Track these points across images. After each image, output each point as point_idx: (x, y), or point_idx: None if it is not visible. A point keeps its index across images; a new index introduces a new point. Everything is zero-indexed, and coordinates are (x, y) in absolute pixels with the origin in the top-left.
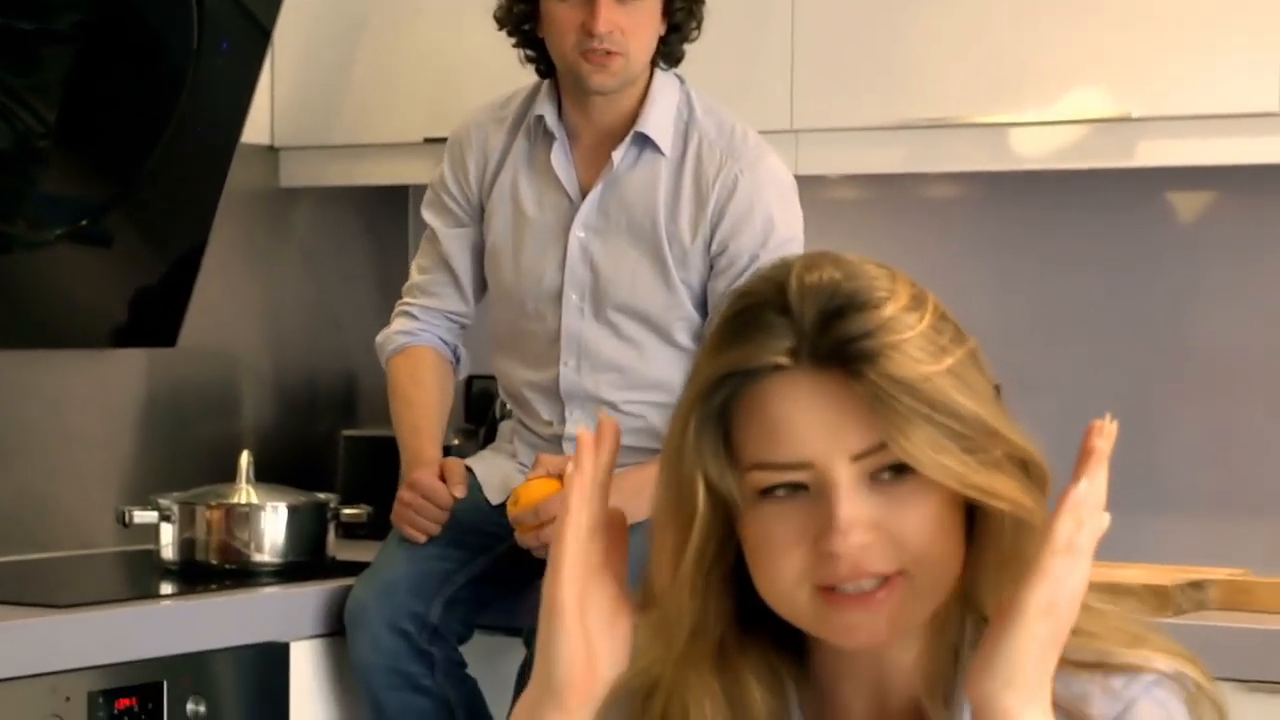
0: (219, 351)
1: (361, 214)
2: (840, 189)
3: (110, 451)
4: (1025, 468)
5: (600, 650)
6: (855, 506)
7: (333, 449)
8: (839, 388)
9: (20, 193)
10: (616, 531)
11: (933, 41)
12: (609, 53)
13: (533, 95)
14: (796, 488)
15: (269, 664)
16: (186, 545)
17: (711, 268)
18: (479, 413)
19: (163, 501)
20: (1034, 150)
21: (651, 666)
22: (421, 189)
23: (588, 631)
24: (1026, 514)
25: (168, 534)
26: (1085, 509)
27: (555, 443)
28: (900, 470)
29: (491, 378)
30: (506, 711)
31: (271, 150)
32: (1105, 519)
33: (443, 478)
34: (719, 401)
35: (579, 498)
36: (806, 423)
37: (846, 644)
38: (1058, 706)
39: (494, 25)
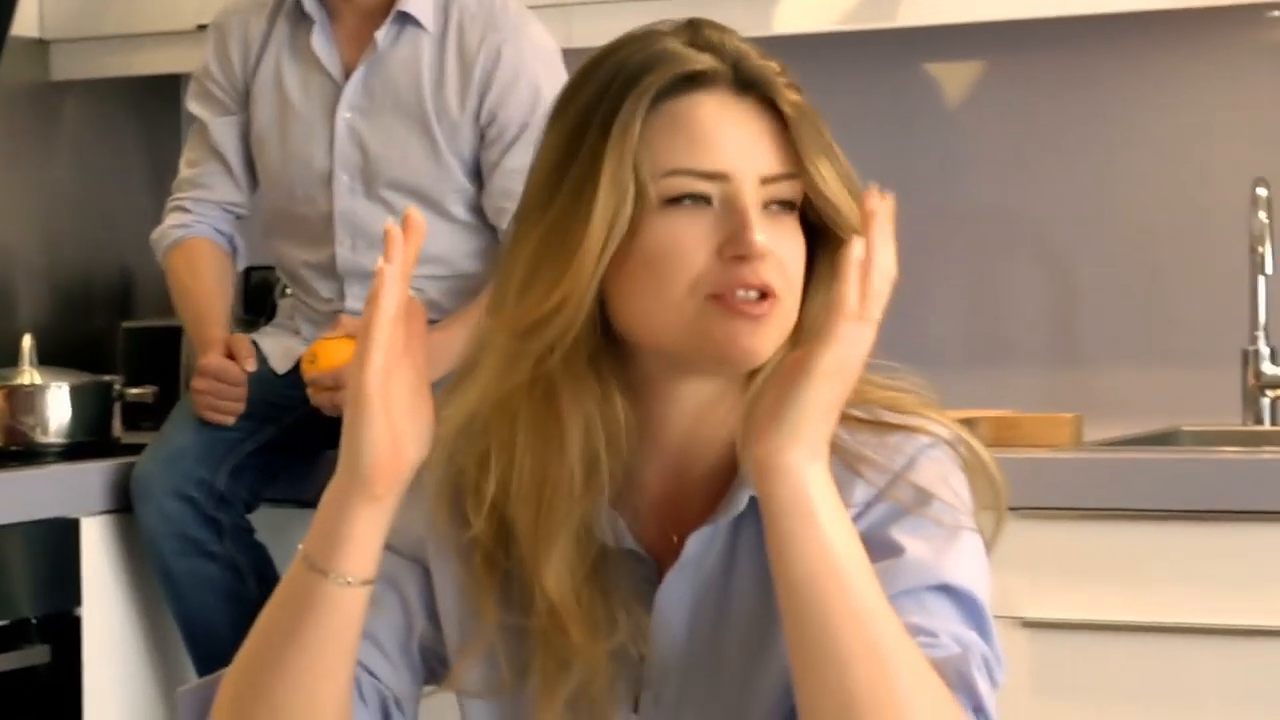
0: None
1: (133, 105)
2: None
3: None
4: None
5: (405, 435)
6: (761, 221)
7: (111, 342)
8: (758, 114)
9: None
10: (415, 321)
11: None
12: None
13: None
14: (699, 199)
15: (60, 539)
16: None
17: (482, 138)
18: (258, 303)
19: None
20: (803, 15)
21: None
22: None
23: (392, 417)
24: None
25: None
26: (871, 272)
27: (335, 318)
28: (783, 207)
29: (269, 268)
30: None
31: (41, 43)
32: (892, 274)
33: (230, 357)
34: (644, 105)
35: (388, 289)
36: (731, 137)
37: (725, 353)
38: (838, 456)
39: None
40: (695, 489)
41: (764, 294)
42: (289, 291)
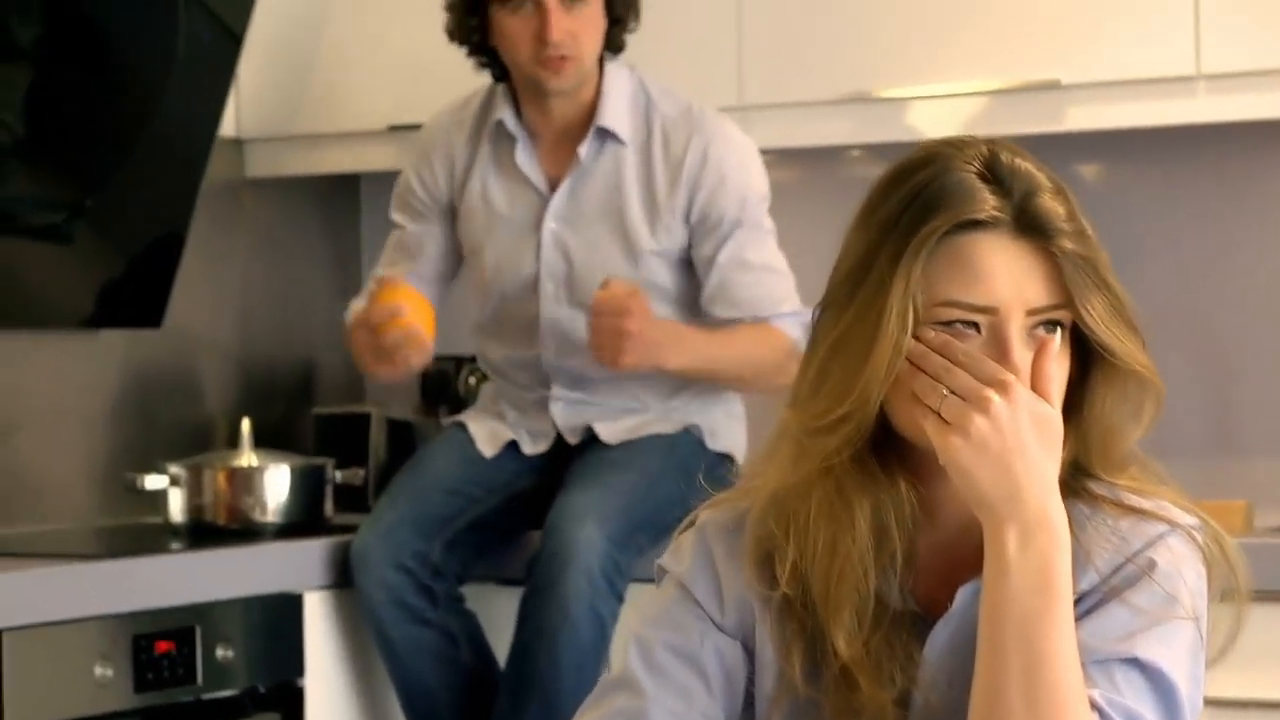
0: (191, 334)
1: (319, 201)
2: (773, 168)
3: (94, 428)
4: (1144, 343)
5: None
6: (1021, 351)
7: (300, 427)
8: (1031, 253)
9: (7, 184)
10: None
11: (873, 19)
12: (563, 58)
13: (490, 98)
14: (968, 325)
15: (285, 612)
16: (194, 509)
17: (692, 235)
18: (436, 392)
19: (171, 467)
20: (965, 118)
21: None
22: (375, 176)
23: None
24: (1151, 374)
25: (175, 498)
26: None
27: (542, 404)
28: (1050, 327)
29: (447, 358)
30: (504, 651)
31: (237, 142)
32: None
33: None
34: (930, 244)
35: None
36: (1003, 275)
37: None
38: (1076, 541)
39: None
40: (969, 551)
41: None
42: (486, 377)
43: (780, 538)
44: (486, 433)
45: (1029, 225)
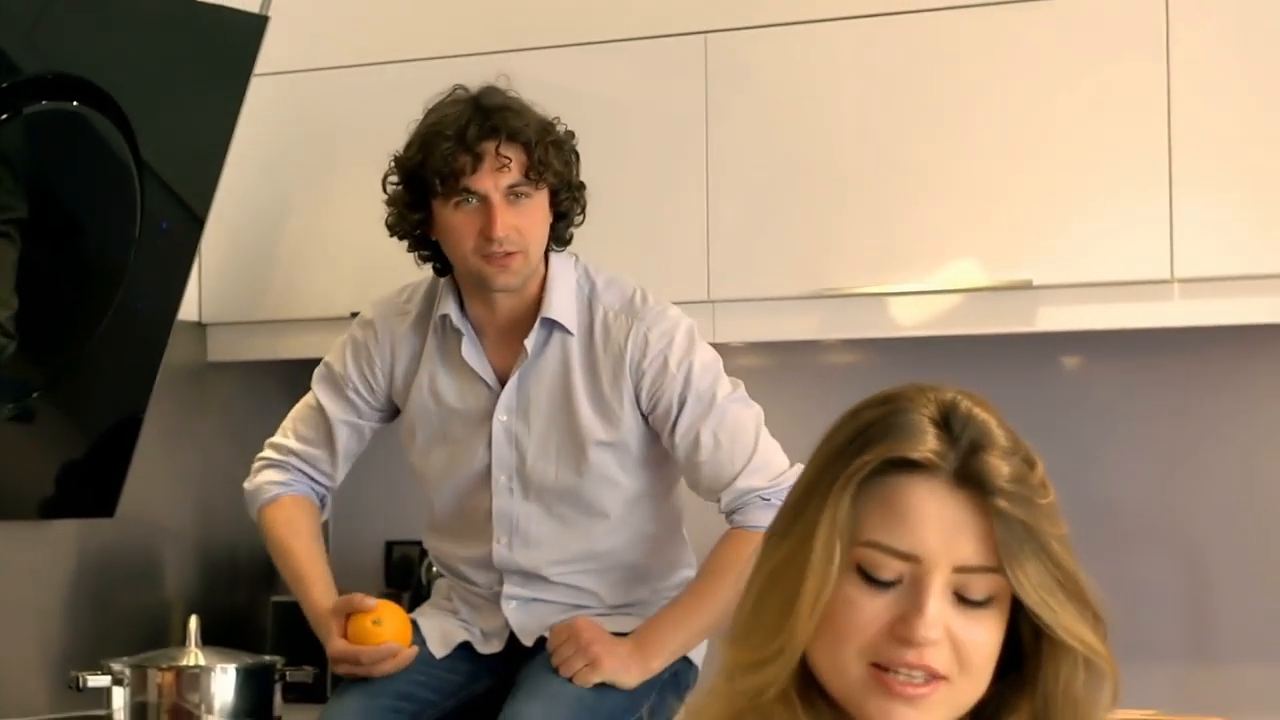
0: (149, 520)
1: (282, 383)
2: (745, 356)
3: (47, 619)
4: (1096, 622)
5: None
6: (941, 608)
7: (257, 615)
8: (967, 506)
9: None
10: None
11: (835, 214)
12: (509, 254)
13: (433, 291)
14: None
15: None
16: (138, 708)
17: (648, 423)
18: (401, 577)
19: (114, 665)
20: (937, 317)
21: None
22: None
23: None
24: (1100, 661)
25: (119, 697)
26: None
27: (494, 600)
28: (982, 599)
29: (412, 543)
30: None
31: (199, 326)
32: None
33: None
34: (862, 480)
35: None
36: (931, 524)
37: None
38: None
39: None
40: None
41: (932, 675)
42: (440, 574)
43: None
44: (439, 632)
45: (969, 477)
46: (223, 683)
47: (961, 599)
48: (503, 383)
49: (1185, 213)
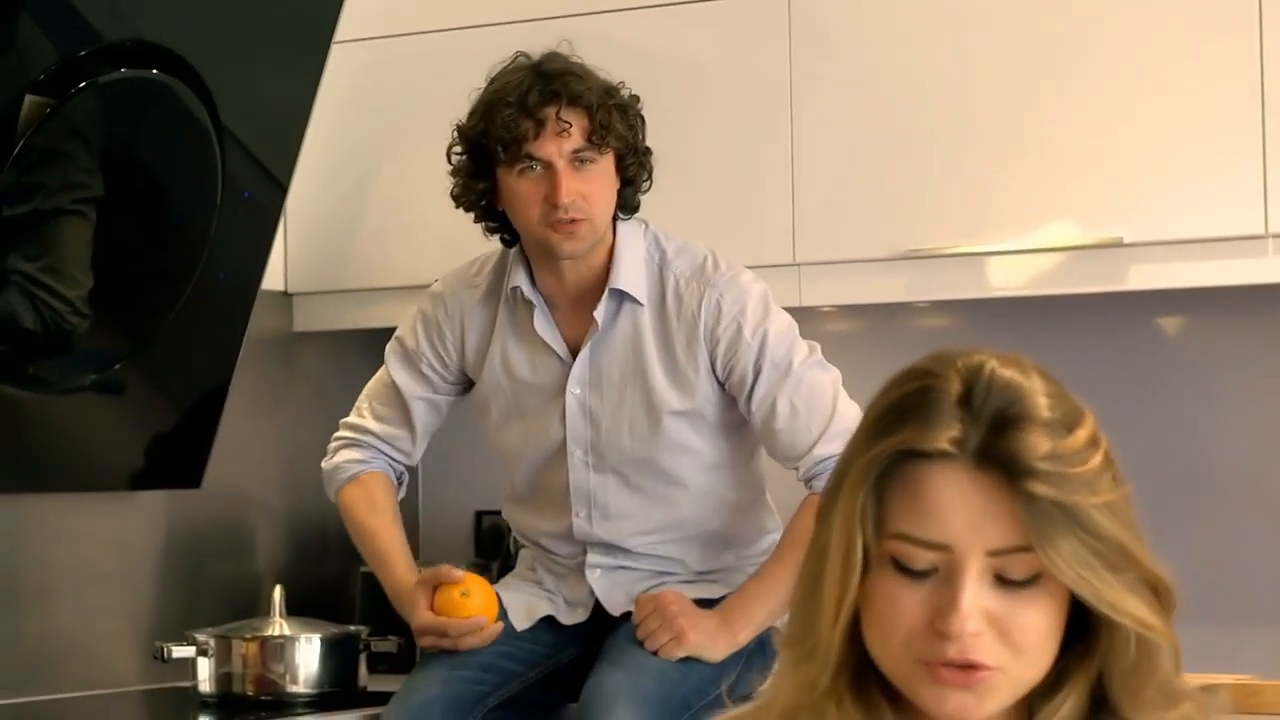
0: (237, 491)
1: (368, 353)
2: (834, 321)
3: (135, 591)
4: (1156, 592)
5: None
6: (977, 596)
7: (346, 586)
8: (994, 487)
9: (50, 352)
10: None
11: (924, 176)
12: (575, 220)
13: (503, 264)
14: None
15: None
16: (223, 678)
17: (724, 389)
18: (490, 547)
19: (199, 636)
20: (1027, 276)
21: (797, 702)
22: None
23: None
24: (1151, 633)
25: (204, 668)
26: None
27: (579, 569)
28: (1025, 578)
29: (498, 512)
30: None
31: (285, 296)
32: None
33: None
34: (880, 472)
35: None
36: (956, 511)
37: (935, 712)
38: None
39: None
40: None
41: (979, 667)
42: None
43: None
44: (522, 605)
45: (992, 459)
46: (307, 653)
47: (1004, 580)
48: (574, 355)
49: None
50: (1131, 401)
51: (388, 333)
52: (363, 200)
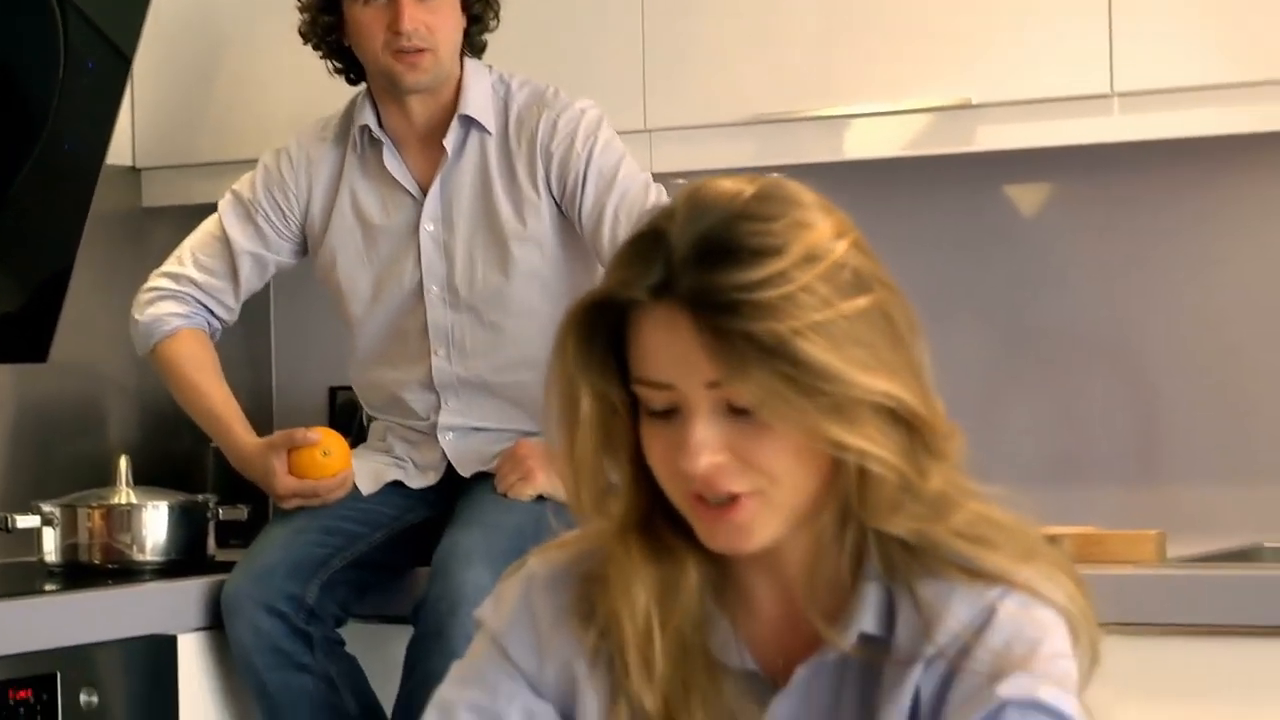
0: (87, 367)
1: None
2: None
3: None
4: (895, 416)
5: None
6: (708, 430)
7: (200, 461)
8: (696, 322)
9: None
10: None
11: (773, 41)
12: (419, 50)
13: (350, 109)
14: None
15: (157, 656)
16: (69, 549)
17: (562, 206)
18: (343, 424)
19: (45, 506)
20: (877, 139)
21: (592, 551)
22: None
23: None
24: (875, 463)
25: (50, 538)
26: None
27: (431, 433)
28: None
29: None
30: (393, 697)
31: (133, 171)
32: None
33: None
34: (592, 322)
35: None
36: (666, 351)
37: (713, 547)
38: (921, 607)
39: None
40: (806, 627)
41: (733, 496)
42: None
43: (597, 593)
44: (369, 471)
45: (689, 297)
46: (154, 521)
47: (735, 409)
48: (425, 192)
49: (1124, 25)
50: (979, 262)
51: None
52: (212, 72)
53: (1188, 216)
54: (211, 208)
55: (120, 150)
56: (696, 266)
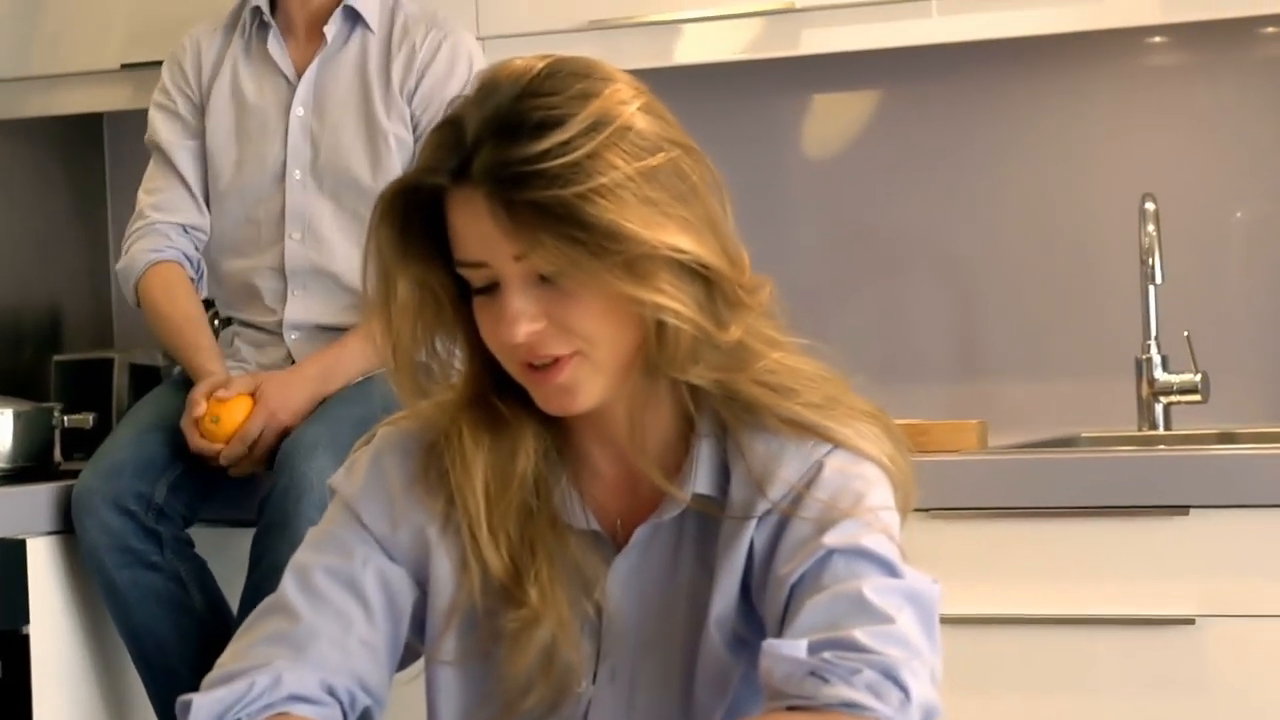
0: None
1: (59, 143)
2: None
3: None
4: (689, 270)
5: None
6: (523, 301)
7: (43, 375)
8: (492, 199)
9: None
10: None
11: None
12: None
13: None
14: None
15: (7, 560)
16: None
17: (413, 120)
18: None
19: None
20: (707, 44)
21: (438, 420)
22: (118, 116)
23: None
24: (670, 316)
25: None
26: None
27: (277, 332)
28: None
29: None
30: (237, 600)
31: None
32: None
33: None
34: (405, 211)
35: None
36: (473, 231)
37: (547, 410)
38: (752, 464)
39: None
40: (647, 475)
41: (556, 359)
42: (227, 322)
43: (446, 458)
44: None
45: (478, 175)
46: (1, 427)
47: (545, 278)
48: (301, 76)
49: None
50: (804, 167)
51: (82, 120)
52: None
53: (1002, 117)
54: (46, 121)
55: None
56: (488, 146)
